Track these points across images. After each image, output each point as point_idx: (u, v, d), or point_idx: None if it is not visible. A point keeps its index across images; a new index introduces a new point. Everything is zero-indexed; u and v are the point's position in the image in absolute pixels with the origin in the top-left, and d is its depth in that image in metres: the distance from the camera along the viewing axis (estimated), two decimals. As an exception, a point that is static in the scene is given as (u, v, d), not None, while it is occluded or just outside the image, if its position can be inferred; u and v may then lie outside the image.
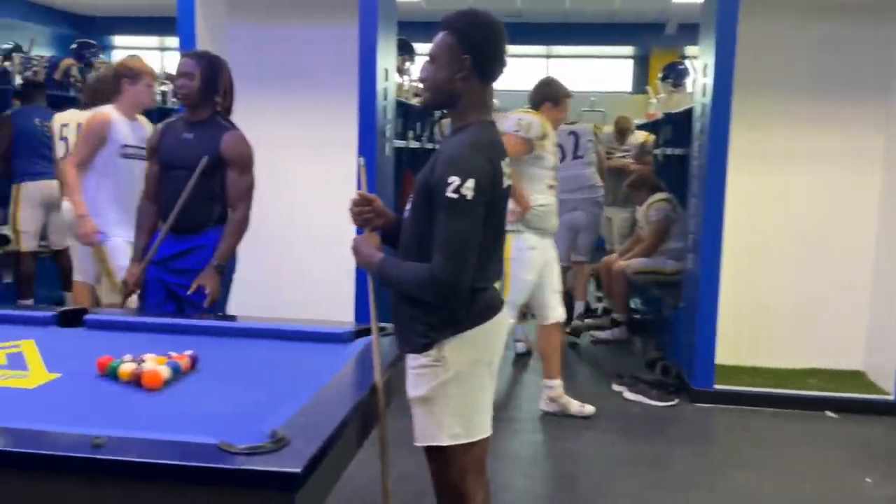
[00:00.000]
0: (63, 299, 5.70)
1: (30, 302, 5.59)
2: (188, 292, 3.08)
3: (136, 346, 2.28)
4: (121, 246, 3.87)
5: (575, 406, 4.27)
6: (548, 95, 4.25)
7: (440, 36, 2.06)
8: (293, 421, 1.72)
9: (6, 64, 6.92)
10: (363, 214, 2.18)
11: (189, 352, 2.21)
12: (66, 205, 4.14)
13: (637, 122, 8.24)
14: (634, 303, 6.57)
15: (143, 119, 4.16)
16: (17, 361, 2.23)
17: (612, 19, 11.28)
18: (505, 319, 2.19)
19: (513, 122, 4.05)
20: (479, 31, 2.04)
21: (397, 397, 2.27)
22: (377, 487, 2.23)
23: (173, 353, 2.19)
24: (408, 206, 2.12)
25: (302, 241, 4.80)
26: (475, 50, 2.03)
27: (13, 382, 2.05)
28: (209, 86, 3.21)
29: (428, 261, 1.97)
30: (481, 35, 2.04)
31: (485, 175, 1.95)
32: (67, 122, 4.85)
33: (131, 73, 3.93)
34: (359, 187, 2.24)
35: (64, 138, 4.86)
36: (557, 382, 4.29)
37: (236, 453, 1.52)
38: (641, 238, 6.06)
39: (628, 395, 4.69)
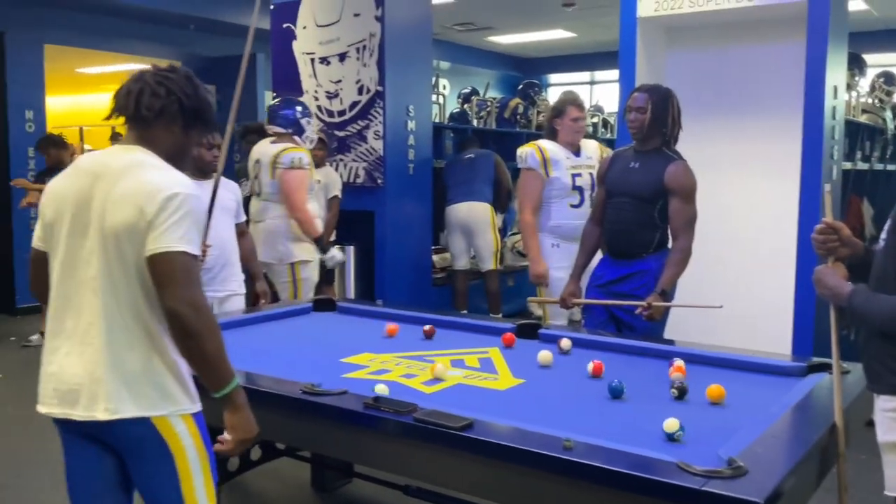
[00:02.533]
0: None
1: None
2: (636, 311, 3.20)
3: (586, 363, 2.46)
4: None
5: None
6: None
7: None
8: (749, 451, 1.70)
9: (465, 106, 7.91)
10: (828, 244, 2.07)
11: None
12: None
13: None
14: None
15: (591, 145, 4.32)
16: (487, 366, 2.56)
17: None
18: None
19: None
20: None
21: (855, 440, 2.10)
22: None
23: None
24: (882, 236, 1.96)
25: (741, 266, 4.66)
26: None
27: (486, 384, 2.36)
28: (659, 118, 3.33)
29: None
30: None
31: None
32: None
33: (557, 111, 4.16)
34: (824, 215, 2.13)
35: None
36: None
37: (695, 474, 1.56)
38: None
39: None
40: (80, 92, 11.98)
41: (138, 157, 1.83)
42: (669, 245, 3.42)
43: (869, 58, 6.91)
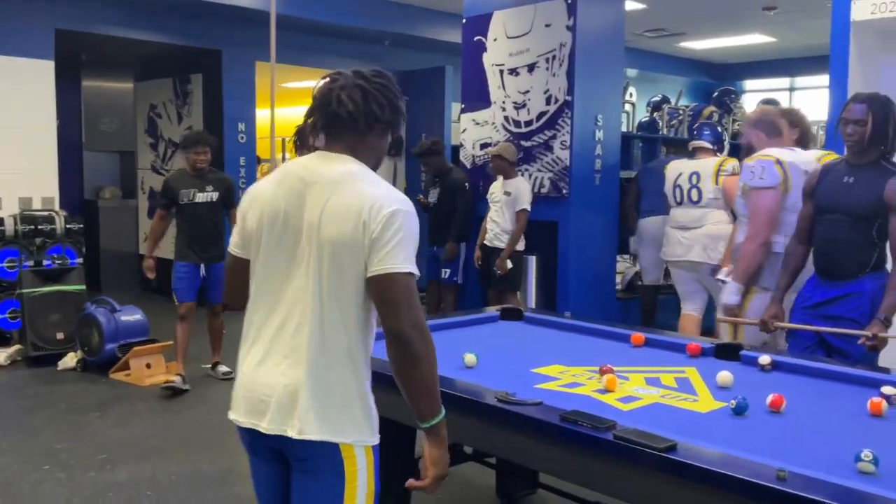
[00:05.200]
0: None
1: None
2: (859, 341, 2.97)
3: (791, 387, 2.31)
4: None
5: None
6: None
7: None
8: None
9: (655, 115, 7.70)
10: None
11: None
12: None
13: None
14: None
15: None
16: (685, 386, 2.47)
17: None
18: None
19: None
20: None
21: None
22: None
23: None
24: None
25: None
26: None
27: (685, 405, 2.28)
28: (879, 130, 3.08)
29: None
30: None
31: None
32: (681, 171, 5.25)
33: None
34: None
35: (678, 186, 5.24)
36: None
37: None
38: None
39: None
40: (282, 105, 12.87)
41: (352, 168, 1.78)
42: (887, 265, 3.15)
43: None
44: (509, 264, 5.63)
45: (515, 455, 2.37)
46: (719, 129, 5.65)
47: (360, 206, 1.71)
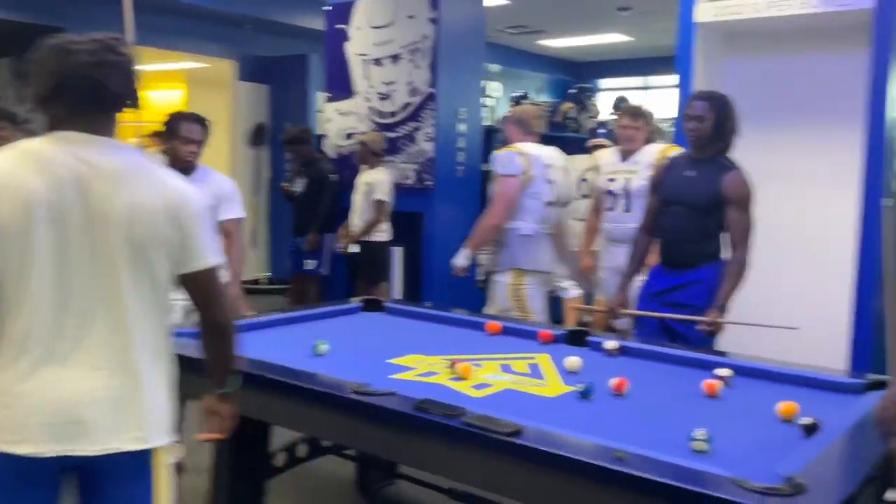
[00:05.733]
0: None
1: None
2: (698, 327, 3.14)
3: (635, 371, 2.42)
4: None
5: None
6: None
7: None
8: (808, 469, 1.65)
9: (516, 110, 7.87)
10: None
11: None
12: None
13: None
14: None
15: (649, 151, 4.29)
16: (536, 372, 2.54)
17: None
18: None
19: None
20: None
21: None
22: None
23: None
24: None
25: (796, 278, 4.56)
26: None
27: (535, 390, 2.34)
28: (719, 127, 3.27)
29: None
30: None
31: None
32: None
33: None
34: (882, 233, 1.98)
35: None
36: None
37: (752, 490, 1.52)
38: None
39: None
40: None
41: (134, 157, 1.67)
42: (725, 255, 3.35)
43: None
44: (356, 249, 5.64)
45: (371, 446, 2.36)
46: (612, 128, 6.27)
47: (165, 201, 1.64)
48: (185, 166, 3.27)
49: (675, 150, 3.85)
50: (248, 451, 2.64)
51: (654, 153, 4.16)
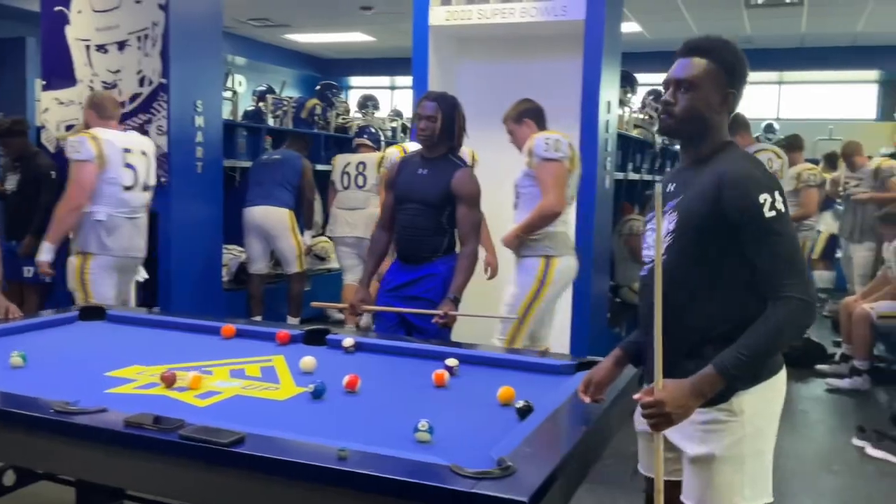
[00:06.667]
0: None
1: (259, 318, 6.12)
2: (433, 320, 3.23)
3: (371, 366, 2.43)
4: None
5: None
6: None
7: (701, 64, 1.91)
8: (519, 450, 1.75)
9: (260, 105, 7.67)
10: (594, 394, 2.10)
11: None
12: None
13: (885, 151, 7.55)
14: (878, 350, 5.95)
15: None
16: (269, 375, 2.46)
17: (854, 42, 10.44)
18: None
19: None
20: (741, 64, 1.94)
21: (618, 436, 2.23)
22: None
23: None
24: (643, 272, 2.02)
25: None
26: (738, 84, 1.95)
27: (266, 394, 2.26)
28: (448, 126, 3.40)
29: (726, 299, 1.86)
30: (742, 69, 1.95)
31: (779, 184, 1.87)
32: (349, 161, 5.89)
33: None
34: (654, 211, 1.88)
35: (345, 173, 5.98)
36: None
37: (466, 476, 1.57)
38: (889, 279, 5.50)
39: (871, 451, 4.25)
40: None
41: None
42: (457, 249, 3.49)
43: (641, 77, 7.53)
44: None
45: (83, 471, 2.14)
46: (374, 129, 6.87)
47: None
48: None
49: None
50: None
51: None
